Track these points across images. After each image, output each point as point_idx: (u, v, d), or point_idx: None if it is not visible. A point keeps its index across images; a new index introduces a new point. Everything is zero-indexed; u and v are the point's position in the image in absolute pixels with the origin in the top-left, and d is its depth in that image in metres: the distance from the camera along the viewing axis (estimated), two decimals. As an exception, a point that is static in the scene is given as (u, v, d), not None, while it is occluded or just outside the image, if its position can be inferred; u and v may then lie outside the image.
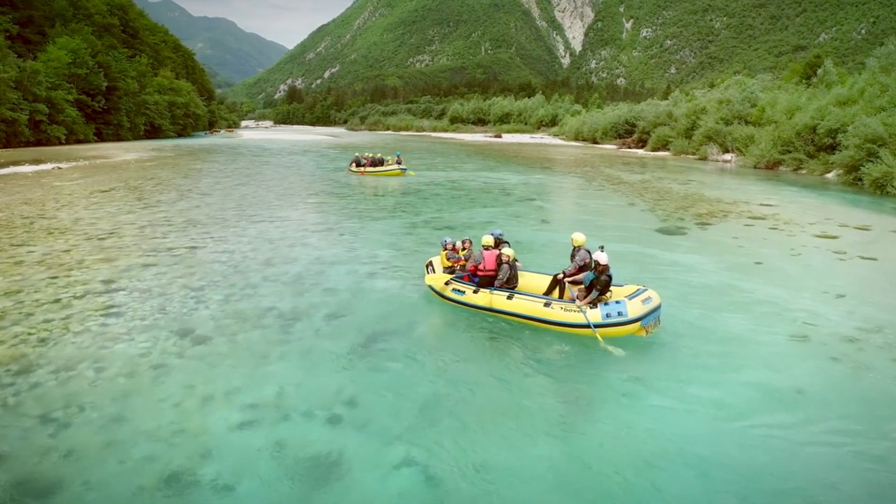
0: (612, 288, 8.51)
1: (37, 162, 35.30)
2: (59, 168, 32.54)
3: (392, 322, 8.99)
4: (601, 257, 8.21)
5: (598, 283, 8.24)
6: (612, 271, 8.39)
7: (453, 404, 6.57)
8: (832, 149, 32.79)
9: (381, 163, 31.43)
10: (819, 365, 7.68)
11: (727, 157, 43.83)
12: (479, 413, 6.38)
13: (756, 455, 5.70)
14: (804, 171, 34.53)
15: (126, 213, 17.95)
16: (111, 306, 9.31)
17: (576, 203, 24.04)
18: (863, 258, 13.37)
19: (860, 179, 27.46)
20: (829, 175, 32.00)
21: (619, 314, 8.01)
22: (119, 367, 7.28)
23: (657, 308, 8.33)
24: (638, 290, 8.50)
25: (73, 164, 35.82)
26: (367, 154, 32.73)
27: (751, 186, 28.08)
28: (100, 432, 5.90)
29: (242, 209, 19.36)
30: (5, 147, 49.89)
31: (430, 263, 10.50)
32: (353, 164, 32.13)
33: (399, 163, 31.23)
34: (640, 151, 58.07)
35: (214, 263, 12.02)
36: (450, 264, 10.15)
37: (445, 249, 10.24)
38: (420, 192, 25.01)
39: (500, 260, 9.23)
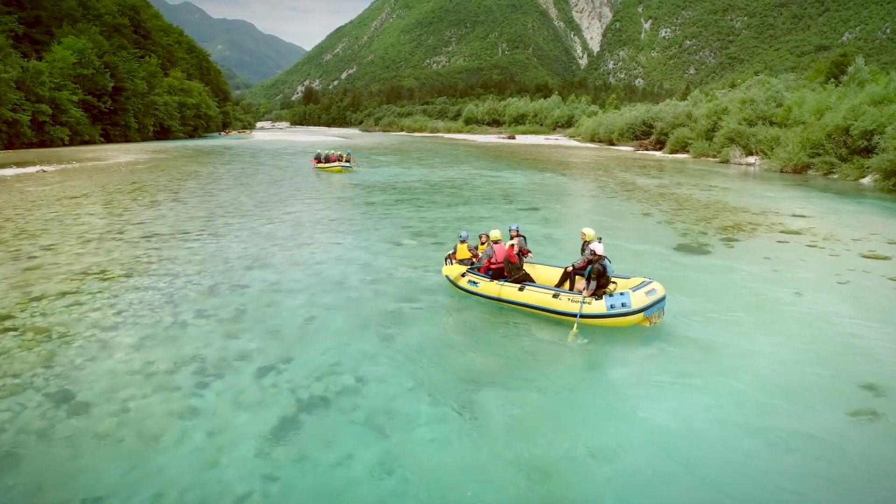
0: (618, 280, 9.05)
1: (24, 164, 33.87)
2: (44, 171, 31.06)
3: (338, 381, 7.02)
4: (597, 248, 8.69)
5: (592, 273, 8.63)
6: (612, 267, 8.87)
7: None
8: (867, 152, 30.27)
9: (339, 159, 34.93)
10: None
11: (751, 159, 41.33)
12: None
13: None
14: (836, 176, 32.01)
15: (80, 224, 16.20)
16: (-14, 355, 7.46)
17: (583, 213, 21.89)
18: (926, 287, 11.14)
19: (901, 186, 25.10)
20: (865, 180, 29.51)
21: (623, 305, 8.34)
22: (-56, 456, 5.40)
23: (661, 300, 8.65)
24: (643, 282, 8.86)
25: (62, 166, 34.38)
26: (328, 152, 36.36)
27: (779, 193, 25.77)
28: None
29: (212, 219, 17.53)
30: (7, 148, 48.80)
31: (449, 256, 10.84)
32: (315, 160, 36.44)
33: (349, 161, 35.11)
34: (658, 153, 55.59)
35: (147, 291, 10.14)
36: (469, 256, 10.54)
37: (464, 242, 10.63)
38: (413, 199, 23.08)
39: (513, 251, 9.70)
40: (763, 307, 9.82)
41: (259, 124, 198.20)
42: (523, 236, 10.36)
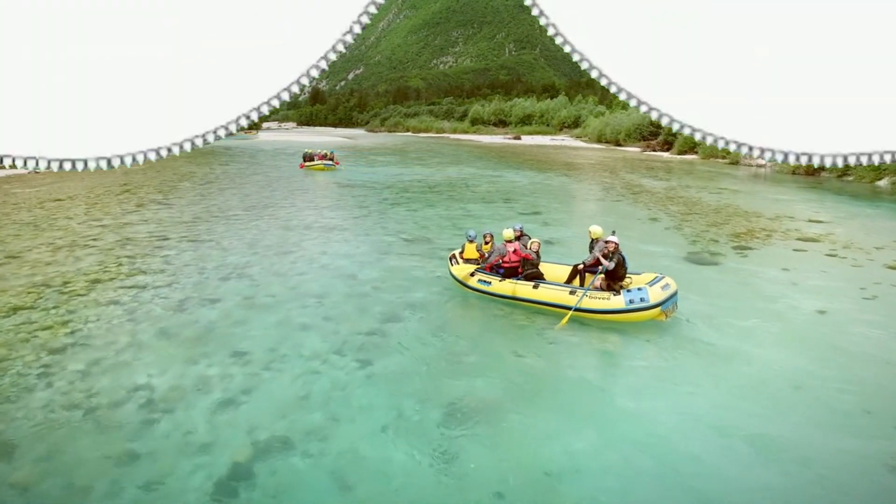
0: (631, 276, 9.18)
1: (18, 165, 33.19)
2: (36, 171, 30.36)
3: (304, 419, 6.14)
4: (613, 239, 8.95)
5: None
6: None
7: None
8: (884, 154, 29.20)
9: (323, 158, 35.61)
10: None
11: (762, 161, 40.24)
12: None
13: None
14: (850, 178, 30.89)
15: (55, 229, 15.44)
16: None
17: (588, 216, 20.87)
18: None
19: (920, 189, 24.05)
20: (881, 182, 28.43)
21: (642, 300, 8.47)
22: None
23: (675, 294, 8.86)
24: (656, 277, 9.03)
25: (57, 167, 33.68)
26: (313, 151, 37.10)
27: (792, 196, 24.80)
28: None
29: (196, 225, 16.72)
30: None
31: (454, 256, 10.77)
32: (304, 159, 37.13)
33: (331, 159, 35.61)
34: (666, 154, 54.48)
35: (108, 307, 9.31)
36: (477, 256, 10.50)
37: (473, 242, 10.63)
38: (409, 202, 22.25)
39: (530, 249, 9.65)
40: (782, 321, 8.92)
41: (265, 125, 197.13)
42: (527, 236, 10.36)
